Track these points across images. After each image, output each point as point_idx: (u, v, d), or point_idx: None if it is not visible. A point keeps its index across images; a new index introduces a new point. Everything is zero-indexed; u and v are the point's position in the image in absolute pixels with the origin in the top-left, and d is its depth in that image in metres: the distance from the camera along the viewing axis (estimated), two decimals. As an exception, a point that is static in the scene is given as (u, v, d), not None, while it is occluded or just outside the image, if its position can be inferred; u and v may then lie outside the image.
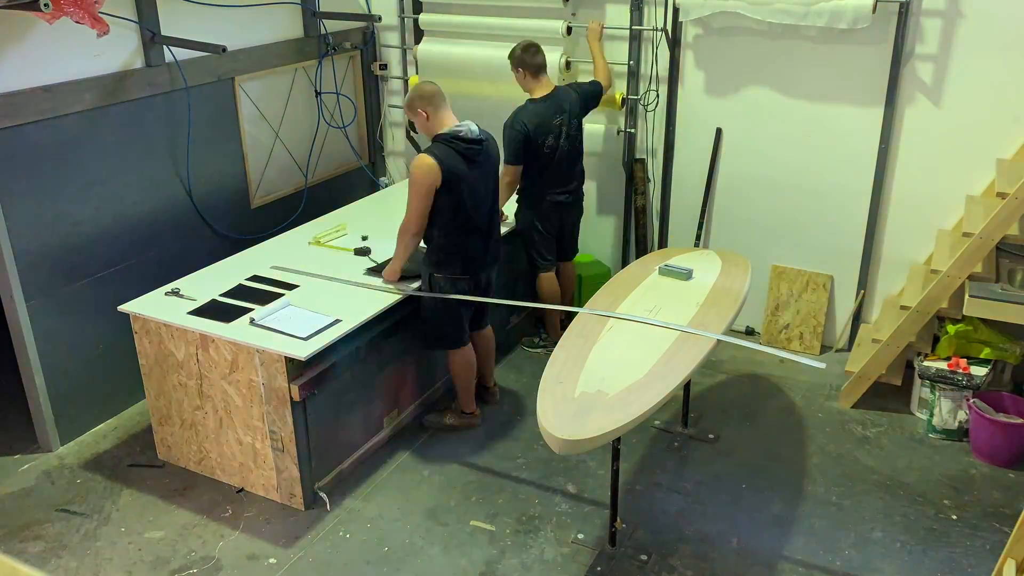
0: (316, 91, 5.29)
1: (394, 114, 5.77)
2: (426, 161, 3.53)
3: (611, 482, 3.31)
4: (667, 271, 3.82)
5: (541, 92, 4.36)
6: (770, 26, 4.43)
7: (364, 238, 4.38)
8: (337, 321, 3.51)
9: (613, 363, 3.07)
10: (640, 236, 5.16)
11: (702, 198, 4.93)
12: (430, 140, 3.68)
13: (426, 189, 3.55)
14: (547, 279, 4.68)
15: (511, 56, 4.36)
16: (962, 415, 4.01)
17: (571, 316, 4.73)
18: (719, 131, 4.79)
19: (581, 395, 2.87)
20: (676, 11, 4.62)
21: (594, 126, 5.00)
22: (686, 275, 3.78)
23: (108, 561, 3.35)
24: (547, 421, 2.75)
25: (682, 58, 4.76)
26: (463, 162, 3.60)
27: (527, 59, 4.30)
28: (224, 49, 4.07)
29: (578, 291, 5.11)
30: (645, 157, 5.04)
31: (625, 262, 5.30)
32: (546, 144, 4.32)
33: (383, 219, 4.70)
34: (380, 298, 3.74)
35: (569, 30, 4.84)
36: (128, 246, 4.18)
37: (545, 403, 2.85)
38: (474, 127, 3.64)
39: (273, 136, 5.03)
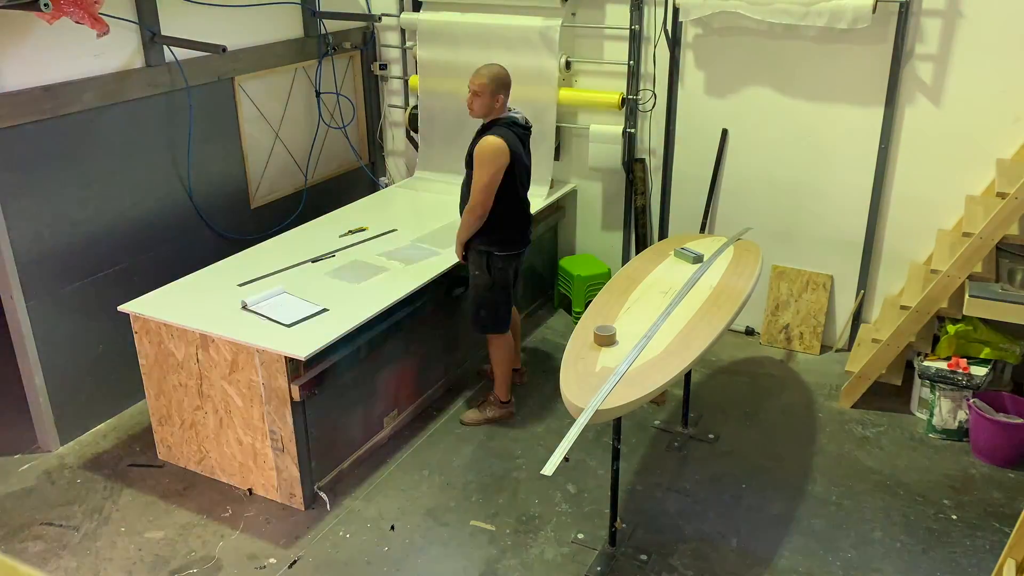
0: (316, 91, 5.29)
1: (394, 114, 5.77)
2: (499, 144, 3.70)
3: (611, 482, 3.31)
4: (680, 254, 3.90)
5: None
6: (770, 26, 4.43)
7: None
8: (324, 310, 3.55)
9: (631, 342, 3.16)
10: (640, 236, 5.16)
11: (706, 198, 4.92)
12: (483, 121, 3.83)
13: (499, 169, 3.71)
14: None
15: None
16: (962, 415, 4.01)
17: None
18: (725, 132, 4.79)
19: (602, 370, 2.99)
20: (676, 11, 4.62)
21: (596, 127, 5.00)
22: (698, 258, 3.85)
23: (108, 561, 3.35)
24: (571, 394, 2.88)
25: (682, 58, 4.76)
26: (519, 145, 3.82)
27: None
28: (224, 49, 4.07)
29: (577, 291, 5.10)
30: (645, 157, 5.04)
31: (625, 262, 5.30)
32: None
33: (383, 218, 4.70)
34: (380, 296, 3.74)
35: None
36: (128, 246, 4.18)
37: (568, 377, 2.99)
38: (523, 115, 3.92)
39: (273, 136, 5.03)
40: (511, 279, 4.00)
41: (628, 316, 3.37)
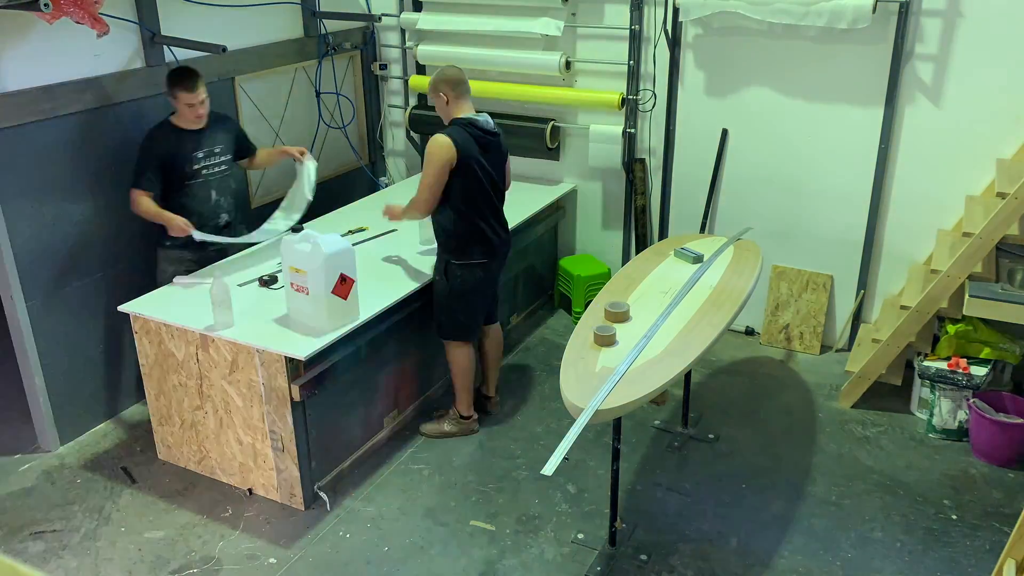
0: (316, 91, 5.29)
1: (394, 114, 5.77)
2: (442, 140, 3.56)
3: (611, 482, 3.31)
4: (680, 254, 3.88)
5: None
6: (770, 26, 4.43)
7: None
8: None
9: (631, 342, 3.15)
10: (640, 236, 5.16)
11: (706, 198, 4.92)
12: (447, 124, 3.72)
13: (442, 166, 3.56)
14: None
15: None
16: (962, 415, 4.01)
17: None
18: (725, 132, 4.79)
19: (602, 370, 2.98)
20: (676, 11, 4.62)
21: (596, 127, 5.00)
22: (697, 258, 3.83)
23: (108, 561, 3.35)
24: (571, 394, 2.86)
25: (682, 58, 4.76)
26: (478, 148, 3.64)
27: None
28: (224, 49, 4.07)
29: (577, 291, 5.10)
30: (645, 157, 5.04)
31: (625, 262, 5.30)
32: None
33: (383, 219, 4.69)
34: (380, 296, 3.74)
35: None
36: (128, 246, 4.18)
37: (568, 376, 2.98)
38: (489, 119, 3.74)
39: (273, 136, 5.03)
40: (473, 289, 3.81)
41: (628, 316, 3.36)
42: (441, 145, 3.56)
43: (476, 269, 3.78)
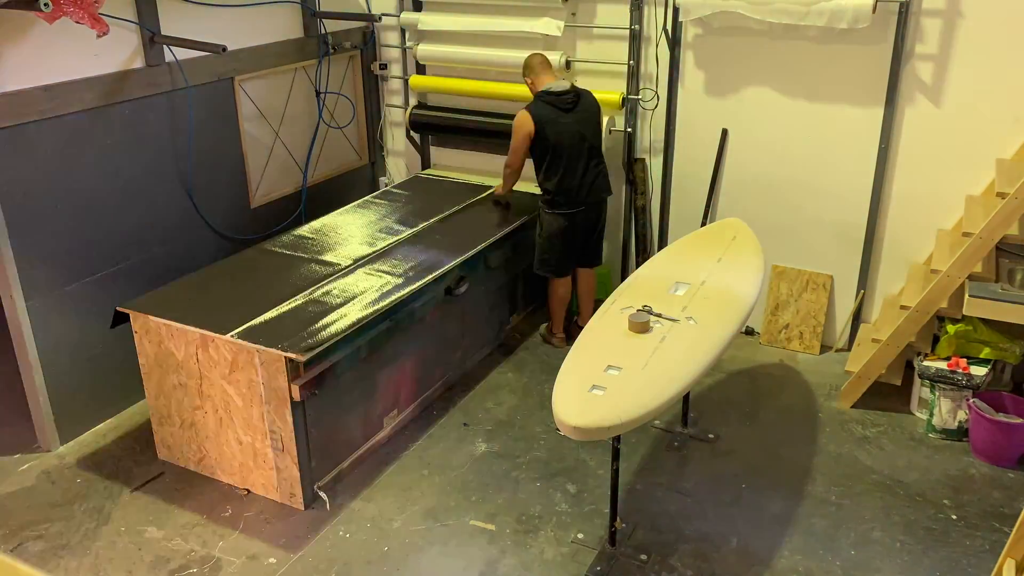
0: (316, 91, 5.29)
1: (394, 114, 5.77)
2: (522, 114, 4.40)
3: (611, 482, 3.31)
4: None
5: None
6: (770, 26, 4.43)
7: None
8: None
9: (628, 357, 3.10)
10: (640, 236, 5.16)
11: (706, 198, 4.92)
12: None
13: (523, 135, 4.41)
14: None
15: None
16: (962, 415, 4.01)
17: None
18: (725, 132, 4.79)
19: (595, 387, 2.92)
20: (676, 11, 4.62)
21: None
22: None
23: (108, 561, 3.35)
24: (561, 408, 2.81)
25: (682, 58, 4.76)
26: (554, 111, 4.38)
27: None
28: (224, 49, 4.07)
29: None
30: (645, 156, 5.04)
31: (625, 262, 5.30)
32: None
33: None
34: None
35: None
36: (128, 246, 4.18)
37: (560, 391, 2.92)
38: (564, 83, 4.44)
39: (273, 136, 5.03)
40: (555, 233, 4.58)
41: (628, 337, 3.27)
42: (520, 120, 4.39)
43: (560, 218, 4.54)
